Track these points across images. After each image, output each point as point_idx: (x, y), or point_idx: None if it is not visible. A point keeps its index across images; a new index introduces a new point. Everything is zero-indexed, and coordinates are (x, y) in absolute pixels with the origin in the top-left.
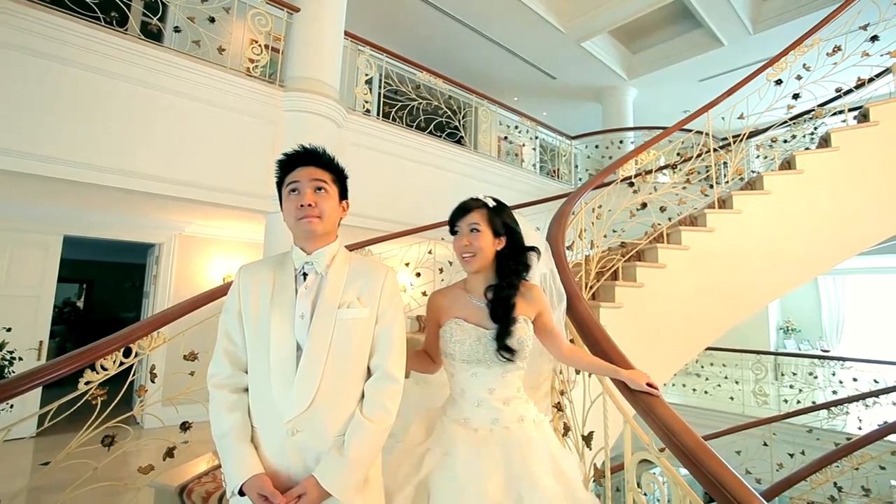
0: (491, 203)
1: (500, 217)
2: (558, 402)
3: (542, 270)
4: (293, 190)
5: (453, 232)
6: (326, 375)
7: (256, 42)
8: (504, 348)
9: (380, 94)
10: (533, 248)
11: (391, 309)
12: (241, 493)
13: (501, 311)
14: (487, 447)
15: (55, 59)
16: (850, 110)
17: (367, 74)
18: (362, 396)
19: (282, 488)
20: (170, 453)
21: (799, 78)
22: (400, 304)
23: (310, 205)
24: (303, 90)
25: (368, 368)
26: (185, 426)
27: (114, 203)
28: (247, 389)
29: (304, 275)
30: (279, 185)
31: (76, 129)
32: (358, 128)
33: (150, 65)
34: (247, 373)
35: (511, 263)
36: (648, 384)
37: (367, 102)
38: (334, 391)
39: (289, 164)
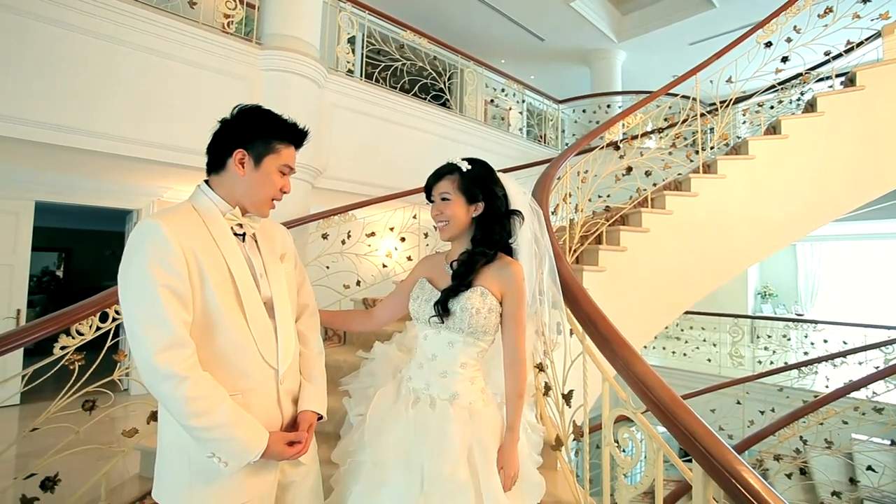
0: (465, 167)
1: (476, 182)
2: (540, 363)
3: (527, 235)
4: (284, 172)
5: (429, 199)
6: (294, 325)
7: None
8: (441, 303)
9: (362, 54)
10: (515, 212)
11: (298, 258)
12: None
13: (462, 272)
14: (400, 416)
15: (13, 10)
16: (837, 76)
17: (348, 33)
18: None
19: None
20: (153, 417)
21: (789, 41)
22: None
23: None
24: (281, 48)
25: None
26: None
27: (86, 167)
28: None
29: (243, 235)
30: (268, 142)
31: (38, 87)
32: (340, 88)
33: (116, 18)
34: None
35: (486, 231)
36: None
37: (349, 62)
38: (296, 336)
39: (294, 138)
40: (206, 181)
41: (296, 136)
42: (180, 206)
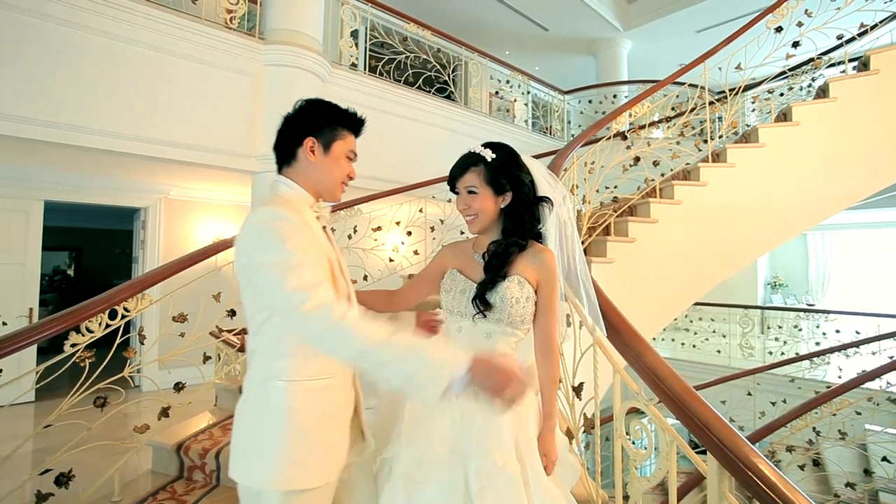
0: (490, 157)
1: (502, 171)
2: None
3: (554, 221)
4: (350, 158)
5: (454, 191)
6: None
7: None
8: (479, 297)
9: (366, 47)
10: (544, 199)
11: None
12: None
13: (495, 264)
14: (444, 411)
15: (18, 9)
16: (850, 60)
17: (351, 27)
18: None
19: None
20: (164, 413)
21: (800, 25)
22: None
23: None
24: (284, 43)
25: None
26: (178, 387)
27: (91, 165)
28: None
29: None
30: (333, 129)
31: (41, 86)
32: (343, 83)
33: (119, 15)
34: None
35: (516, 220)
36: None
37: (352, 56)
38: None
39: (354, 126)
40: (281, 175)
41: (356, 123)
42: (275, 199)
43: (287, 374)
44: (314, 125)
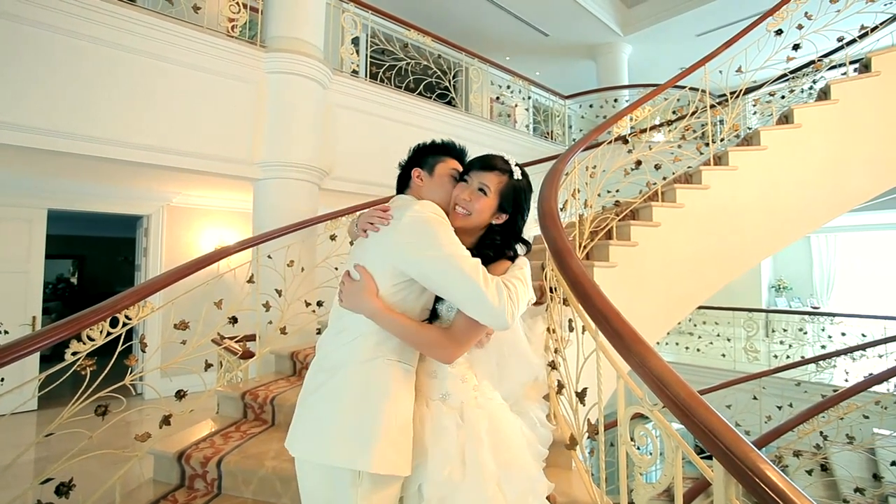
0: (517, 174)
1: (517, 195)
2: (552, 361)
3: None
4: (454, 177)
5: (462, 178)
6: None
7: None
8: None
9: (366, 54)
10: (526, 242)
11: None
12: None
13: None
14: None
15: (16, 18)
16: (851, 62)
17: (352, 34)
18: None
19: None
20: (166, 421)
21: (800, 27)
22: None
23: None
24: (285, 50)
25: None
26: (179, 395)
27: (95, 174)
28: None
29: None
30: (434, 157)
31: (43, 95)
32: (345, 89)
33: (122, 25)
34: None
35: (497, 238)
36: None
37: (353, 63)
38: None
39: (452, 152)
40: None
41: (453, 150)
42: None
43: (393, 354)
44: (417, 159)
